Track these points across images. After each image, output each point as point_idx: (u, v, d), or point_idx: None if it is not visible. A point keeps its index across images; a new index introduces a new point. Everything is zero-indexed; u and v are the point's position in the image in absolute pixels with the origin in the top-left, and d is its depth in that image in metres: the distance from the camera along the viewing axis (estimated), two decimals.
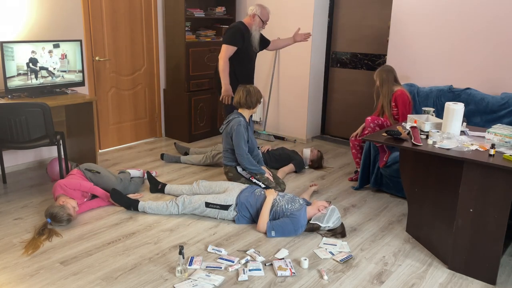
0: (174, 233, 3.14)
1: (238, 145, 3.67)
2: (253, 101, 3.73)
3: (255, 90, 3.76)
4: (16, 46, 3.80)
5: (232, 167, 3.81)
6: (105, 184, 3.60)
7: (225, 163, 3.86)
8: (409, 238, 3.17)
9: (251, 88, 3.75)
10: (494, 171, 2.49)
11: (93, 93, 4.73)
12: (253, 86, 3.78)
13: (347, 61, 5.34)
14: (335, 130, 5.68)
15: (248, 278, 2.61)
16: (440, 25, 4.23)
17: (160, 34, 5.30)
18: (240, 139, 3.65)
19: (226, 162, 3.85)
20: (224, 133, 3.79)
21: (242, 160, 3.69)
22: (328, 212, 3.14)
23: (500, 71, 3.96)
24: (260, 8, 4.17)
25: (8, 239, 3.01)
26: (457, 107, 2.91)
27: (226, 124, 3.79)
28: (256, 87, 3.81)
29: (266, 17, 4.19)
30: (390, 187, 3.90)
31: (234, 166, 3.81)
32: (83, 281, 2.55)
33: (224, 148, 3.84)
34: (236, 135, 3.66)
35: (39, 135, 3.60)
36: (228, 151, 3.81)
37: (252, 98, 3.72)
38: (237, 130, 3.65)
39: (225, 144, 3.82)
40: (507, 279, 2.70)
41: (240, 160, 3.71)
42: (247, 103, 3.73)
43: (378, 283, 2.62)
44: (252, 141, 3.82)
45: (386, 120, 3.87)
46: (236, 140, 3.66)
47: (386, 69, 3.90)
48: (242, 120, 3.70)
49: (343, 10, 5.27)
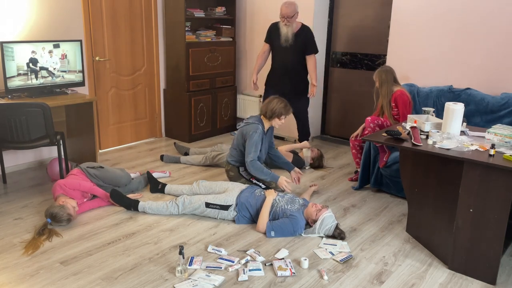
0: (174, 233, 3.14)
1: (248, 150, 3.59)
2: (270, 112, 3.59)
3: (278, 104, 3.59)
4: (16, 46, 3.80)
5: (235, 166, 3.80)
6: (112, 177, 3.63)
7: (229, 160, 3.82)
8: (409, 238, 3.17)
9: (276, 99, 3.62)
10: (494, 171, 2.49)
11: (93, 93, 4.74)
12: (280, 99, 3.63)
13: (347, 61, 5.34)
14: (335, 130, 5.68)
15: (248, 278, 2.61)
16: (440, 25, 4.23)
17: (160, 34, 5.30)
18: (252, 145, 3.57)
19: (230, 160, 3.81)
20: (239, 132, 3.71)
21: (248, 167, 3.60)
22: (318, 224, 3.10)
23: (500, 71, 3.96)
24: None
25: (8, 239, 3.01)
26: (457, 107, 2.91)
27: (245, 124, 3.71)
28: (283, 102, 3.62)
29: (280, 12, 4.40)
30: (390, 187, 3.90)
31: (236, 166, 3.79)
32: (83, 281, 2.56)
33: (233, 145, 3.79)
34: (250, 139, 3.58)
35: (39, 135, 3.60)
36: (236, 150, 3.75)
37: (271, 107, 3.59)
38: (253, 136, 3.57)
39: (235, 142, 3.75)
40: (507, 279, 2.70)
41: (248, 168, 3.61)
42: (266, 112, 3.63)
43: (378, 283, 2.62)
44: (262, 151, 3.71)
45: (386, 120, 3.87)
46: (248, 144, 3.59)
47: (385, 70, 3.90)
48: (261, 128, 3.62)
49: (343, 10, 5.27)
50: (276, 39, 4.50)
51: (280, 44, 4.48)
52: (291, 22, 4.39)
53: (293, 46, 4.46)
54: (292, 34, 4.42)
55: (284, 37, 4.43)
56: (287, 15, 4.34)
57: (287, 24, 4.38)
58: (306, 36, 4.49)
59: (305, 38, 4.48)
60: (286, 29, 4.40)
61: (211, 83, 5.50)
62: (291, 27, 4.41)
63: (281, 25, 4.43)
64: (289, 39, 4.42)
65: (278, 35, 4.48)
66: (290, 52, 4.48)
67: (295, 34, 4.44)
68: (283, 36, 4.43)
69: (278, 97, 3.69)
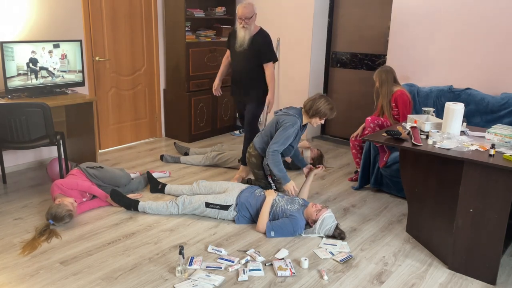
0: (174, 233, 3.14)
1: (277, 139, 3.43)
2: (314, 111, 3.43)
3: (325, 105, 3.42)
4: (16, 46, 3.80)
5: (260, 155, 3.61)
6: (111, 177, 3.64)
7: (257, 146, 3.63)
8: (409, 238, 3.17)
9: (324, 99, 3.45)
10: (494, 171, 2.49)
11: (93, 93, 4.73)
12: (328, 100, 3.46)
13: (347, 61, 5.34)
14: (335, 130, 5.68)
15: (248, 278, 2.61)
16: (440, 25, 4.23)
17: (160, 34, 5.30)
18: (283, 136, 3.40)
19: (258, 147, 3.63)
20: (275, 119, 3.56)
21: (268, 152, 3.45)
22: (318, 224, 3.10)
23: (500, 71, 3.96)
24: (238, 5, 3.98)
25: (8, 239, 3.01)
26: (457, 107, 2.91)
27: (283, 113, 3.53)
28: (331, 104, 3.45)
29: (238, 13, 3.90)
30: (390, 187, 3.90)
31: (262, 156, 3.60)
32: (83, 281, 2.56)
33: (265, 132, 3.62)
34: (283, 130, 3.41)
35: (39, 135, 3.60)
36: (267, 137, 3.57)
37: (316, 106, 3.42)
38: (288, 129, 3.40)
39: (267, 128, 3.60)
40: (507, 279, 2.70)
41: (267, 155, 3.46)
42: (311, 109, 3.44)
43: (378, 283, 2.62)
44: (295, 147, 3.61)
45: (386, 120, 3.87)
46: (279, 133, 3.42)
47: (385, 70, 3.90)
48: (299, 123, 3.47)
49: (343, 10, 5.27)
50: (233, 43, 4.04)
51: (235, 49, 4.02)
52: (249, 24, 3.90)
53: (247, 52, 3.95)
54: (249, 38, 3.93)
55: (239, 41, 3.95)
56: (244, 16, 3.85)
57: (245, 26, 3.89)
58: (261, 41, 3.97)
59: (260, 44, 3.95)
60: (243, 32, 3.92)
61: (211, 83, 5.48)
62: (249, 30, 3.91)
63: (238, 28, 3.93)
64: (244, 43, 3.93)
65: (235, 38, 4.01)
66: (245, 58, 3.99)
67: (251, 38, 3.94)
68: (239, 40, 3.95)
69: (326, 97, 3.50)
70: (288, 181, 3.48)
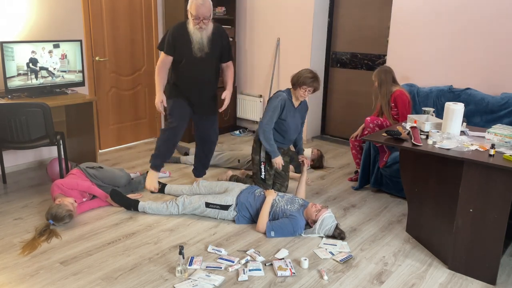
0: (174, 233, 3.14)
1: (264, 114, 3.56)
2: (295, 79, 3.47)
3: (306, 73, 3.44)
4: (16, 46, 3.80)
5: (259, 140, 3.65)
6: (111, 177, 3.64)
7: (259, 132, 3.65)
8: (409, 238, 3.17)
9: (306, 69, 3.50)
10: (494, 171, 2.49)
11: (93, 93, 4.73)
12: (310, 70, 3.47)
13: (347, 61, 5.34)
14: (335, 130, 5.68)
15: (248, 278, 2.61)
16: (440, 25, 4.23)
17: (160, 34, 5.30)
18: (269, 110, 3.52)
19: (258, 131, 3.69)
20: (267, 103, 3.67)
21: (259, 129, 3.57)
22: (317, 224, 3.11)
23: (500, 71, 3.96)
24: (190, 1, 3.33)
25: (8, 239, 3.01)
26: (457, 107, 2.91)
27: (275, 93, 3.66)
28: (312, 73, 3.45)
29: (194, 12, 3.30)
30: (390, 187, 3.90)
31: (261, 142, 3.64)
32: (83, 281, 2.56)
33: None
34: (268, 104, 3.55)
35: (39, 135, 3.60)
36: None
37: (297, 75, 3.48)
38: (272, 101, 3.53)
39: None
40: (507, 279, 2.70)
41: (258, 128, 3.58)
42: (293, 81, 3.50)
43: (378, 283, 2.62)
44: (289, 124, 3.58)
45: (385, 120, 3.87)
46: (265, 109, 3.55)
47: (384, 70, 3.90)
48: (285, 96, 3.53)
49: (343, 10, 5.27)
50: (186, 49, 3.40)
51: (192, 55, 3.41)
52: (207, 24, 3.36)
53: (209, 55, 3.46)
54: (207, 39, 3.41)
55: (198, 44, 3.38)
56: (204, 16, 3.28)
57: (202, 27, 3.33)
58: (223, 39, 3.52)
59: (222, 43, 3.51)
60: (200, 34, 3.36)
61: None
62: (206, 30, 3.38)
63: (193, 29, 3.35)
64: (205, 47, 3.41)
65: (189, 42, 3.38)
66: (207, 63, 3.49)
67: (210, 39, 3.43)
68: (197, 44, 3.38)
69: (312, 69, 3.48)
70: (277, 155, 3.58)
